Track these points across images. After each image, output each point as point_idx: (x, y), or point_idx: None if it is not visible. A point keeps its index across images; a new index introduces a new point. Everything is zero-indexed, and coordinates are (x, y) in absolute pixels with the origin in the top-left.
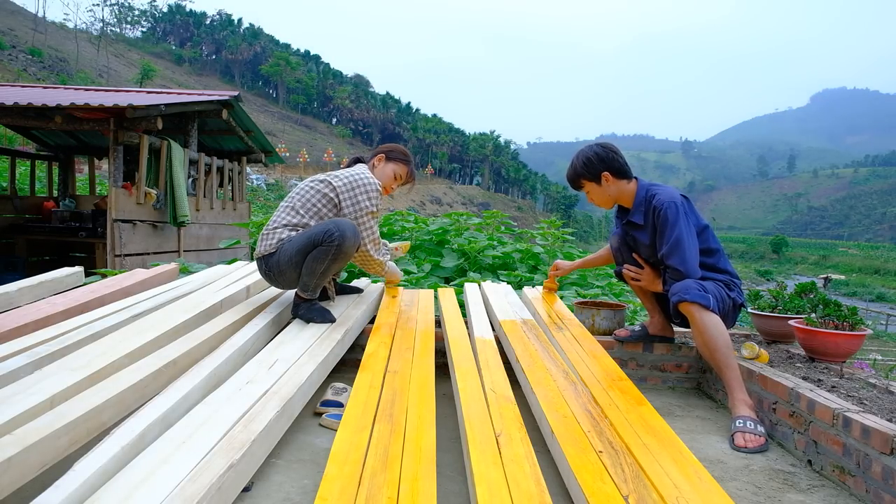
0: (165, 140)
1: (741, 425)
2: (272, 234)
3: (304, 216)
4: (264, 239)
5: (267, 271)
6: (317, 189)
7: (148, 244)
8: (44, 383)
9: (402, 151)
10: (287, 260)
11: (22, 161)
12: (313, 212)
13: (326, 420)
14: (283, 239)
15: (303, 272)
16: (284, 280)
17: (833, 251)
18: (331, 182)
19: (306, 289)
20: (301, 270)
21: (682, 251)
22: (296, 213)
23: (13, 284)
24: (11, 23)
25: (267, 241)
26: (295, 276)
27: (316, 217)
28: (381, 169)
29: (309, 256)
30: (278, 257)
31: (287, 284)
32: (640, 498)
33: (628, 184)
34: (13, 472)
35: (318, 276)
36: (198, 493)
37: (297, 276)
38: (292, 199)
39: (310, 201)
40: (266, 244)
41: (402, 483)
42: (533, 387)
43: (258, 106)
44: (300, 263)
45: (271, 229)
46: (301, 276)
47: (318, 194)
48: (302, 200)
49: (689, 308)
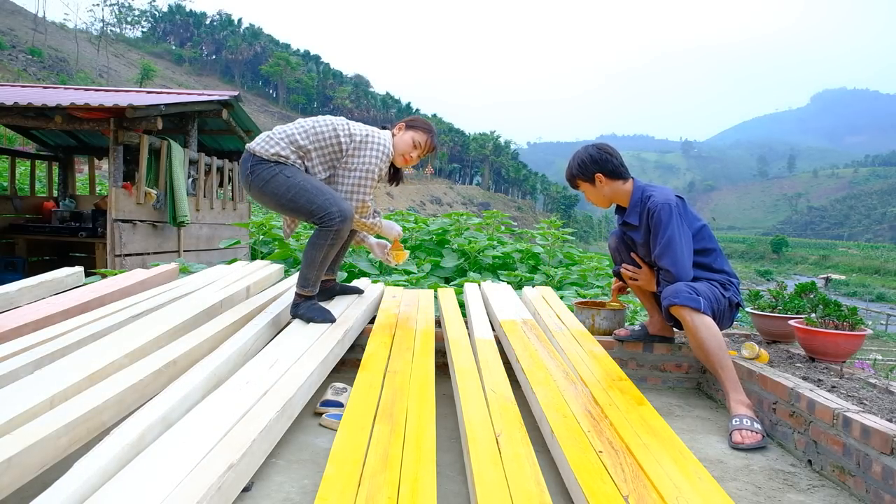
0: (165, 140)
1: (738, 423)
2: (275, 142)
3: (309, 143)
4: (268, 141)
5: (250, 173)
6: (333, 126)
7: (148, 244)
8: (44, 383)
9: (424, 122)
10: (276, 192)
11: (22, 161)
12: (319, 144)
13: (326, 420)
14: (282, 156)
15: (302, 264)
16: (254, 192)
17: (833, 251)
18: (349, 128)
19: (307, 284)
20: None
21: (674, 252)
22: (305, 134)
23: (13, 284)
24: (11, 23)
25: (267, 144)
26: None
27: (318, 149)
28: (399, 137)
29: (309, 250)
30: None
31: (253, 194)
32: (640, 498)
33: (623, 185)
34: (13, 472)
35: (318, 267)
36: (198, 493)
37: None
38: (307, 122)
39: (321, 133)
40: (265, 146)
41: (402, 483)
42: (533, 387)
43: (258, 106)
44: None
45: (277, 137)
46: (303, 274)
47: (332, 131)
48: (315, 128)
49: (679, 311)
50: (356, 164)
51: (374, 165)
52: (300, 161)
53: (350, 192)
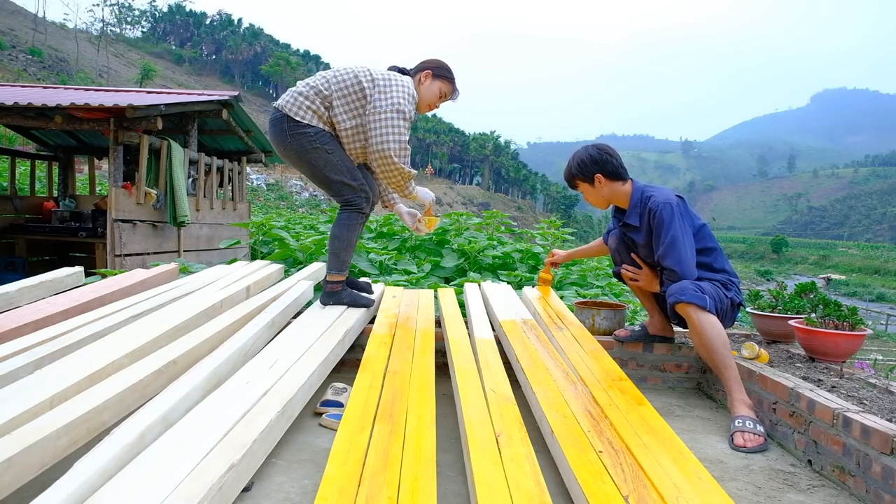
0: (165, 140)
1: (740, 425)
2: (304, 97)
3: (334, 92)
4: (295, 97)
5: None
6: (356, 74)
7: (148, 244)
8: (44, 383)
9: (449, 69)
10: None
11: (22, 161)
12: (341, 91)
13: (326, 420)
14: (314, 112)
15: (334, 248)
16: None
17: (833, 251)
18: (371, 73)
19: (342, 267)
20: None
21: (678, 252)
22: (328, 84)
23: (13, 284)
24: (11, 23)
25: (297, 101)
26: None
27: (341, 96)
28: (427, 86)
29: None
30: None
31: (288, 158)
32: (640, 498)
33: (622, 185)
34: (13, 472)
35: (350, 247)
36: (198, 493)
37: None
38: (329, 72)
39: (343, 80)
40: (293, 103)
41: (402, 483)
42: (533, 387)
43: (258, 106)
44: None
45: (305, 91)
46: (336, 253)
47: (353, 77)
48: (337, 76)
49: (685, 309)
50: (383, 105)
51: (401, 104)
52: (327, 113)
53: (383, 133)
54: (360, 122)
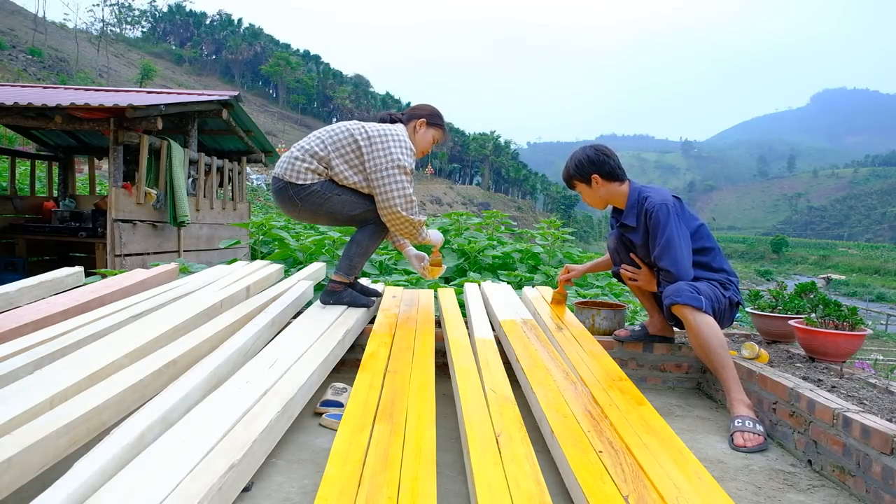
0: (165, 140)
1: (740, 424)
2: (301, 161)
3: (331, 152)
4: (292, 163)
5: (298, 201)
6: (350, 131)
7: (148, 244)
8: (44, 383)
9: (440, 115)
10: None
11: (22, 161)
12: (339, 151)
13: (326, 420)
14: (313, 172)
15: (351, 252)
16: (306, 215)
17: (833, 251)
18: (365, 129)
19: (351, 272)
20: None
21: (674, 252)
22: (323, 144)
23: (13, 284)
24: (11, 23)
25: (295, 166)
26: (326, 222)
27: (339, 155)
28: (422, 134)
29: (363, 236)
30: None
31: (303, 217)
32: (640, 498)
33: (620, 186)
34: (13, 472)
35: (365, 256)
36: (198, 493)
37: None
38: (323, 132)
39: (340, 140)
40: (292, 169)
41: (402, 483)
42: (533, 387)
43: (258, 106)
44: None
45: (300, 155)
46: (350, 257)
47: (349, 136)
48: (332, 137)
49: (681, 310)
50: (382, 163)
51: (400, 160)
52: (327, 171)
53: (387, 191)
54: (363, 175)
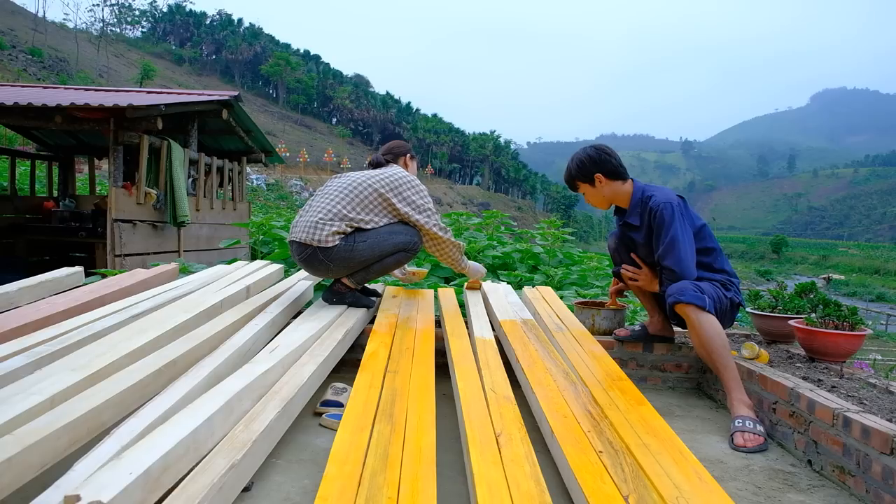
0: (165, 140)
1: (740, 425)
2: (328, 225)
3: (362, 213)
4: (319, 228)
5: (329, 261)
6: (374, 189)
7: (148, 244)
8: (44, 383)
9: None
10: (361, 258)
11: (22, 161)
12: (368, 208)
13: (326, 420)
14: (340, 233)
15: (373, 269)
16: (340, 271)
17: (833, 251)
18: (383, 180)
19: (363, 282)
20: (369, 267)
21: (678, 252)
22: (352, 207)
23: (13, 284)
24: (11, 23)
25: (322, 231)
26: (358, 271)
27: (369, 212)
28: (412, 168)
29: (389, 259)
30: (347, 252)
31: (338, 273)
32: (640, 498)
33: (623, 185)
34: (13, 472)
35: (381, 273)
36: (199, 493)
37: (360, 270)
38: (348, 194)
39: (367, 198)
40: (320, 234)
41: (402, 483)
42: (533, 387)
43: (258, 106)
44: (372, 262)
45: (328, 219)
46: (368, 271)
47: (376, 194)
48: (360, 197)
49: (685, 309)
50: (421, 206)
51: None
52: (354, 225)
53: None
54: (392, 216)
